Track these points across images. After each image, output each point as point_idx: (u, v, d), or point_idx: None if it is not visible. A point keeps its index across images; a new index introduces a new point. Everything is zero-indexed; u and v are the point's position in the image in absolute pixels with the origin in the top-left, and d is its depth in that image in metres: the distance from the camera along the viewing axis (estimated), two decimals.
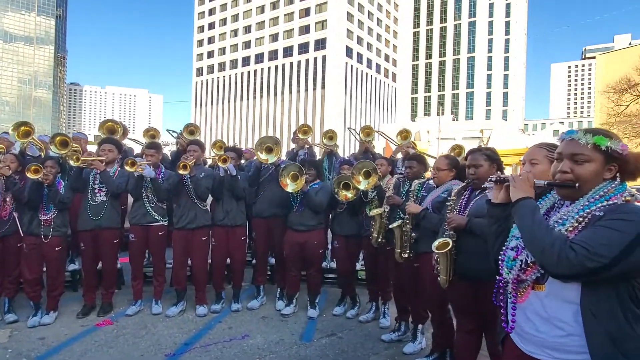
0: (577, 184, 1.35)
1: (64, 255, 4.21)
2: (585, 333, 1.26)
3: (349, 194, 4.08)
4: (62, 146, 4.14)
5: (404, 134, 5.27)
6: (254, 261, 4.99)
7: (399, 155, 5.25)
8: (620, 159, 1.34)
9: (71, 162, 4.08)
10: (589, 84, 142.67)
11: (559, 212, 1.42)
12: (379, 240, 3.73)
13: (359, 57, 70.57)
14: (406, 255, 3.28)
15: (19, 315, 3.97)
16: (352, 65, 68.60)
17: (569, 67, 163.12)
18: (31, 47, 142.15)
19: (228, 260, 4.61)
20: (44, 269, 4.03)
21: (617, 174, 1.37)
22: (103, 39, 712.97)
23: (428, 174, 3.74)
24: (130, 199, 4.50)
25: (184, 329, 3.89)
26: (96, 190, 4.15)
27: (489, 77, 78.74)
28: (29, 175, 3.68)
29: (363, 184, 3.92)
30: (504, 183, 1.53)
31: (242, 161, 5.47)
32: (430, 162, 4.05)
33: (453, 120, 55.31)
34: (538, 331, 1.38)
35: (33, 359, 3.25)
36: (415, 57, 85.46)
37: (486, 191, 1.73)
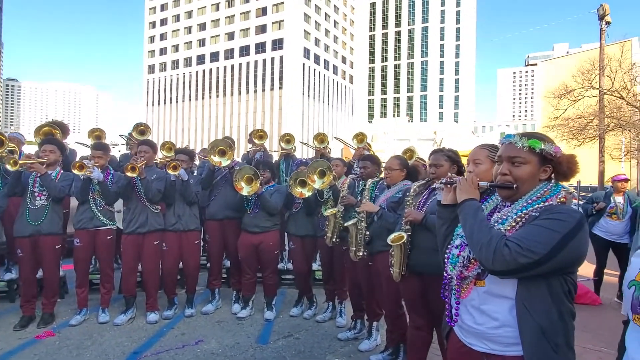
0: (515, 185, 1.44)
1: None
2: (519, 326, 1.34)
3: (305, 191, 4.09)
4: None
5: (360, 137, 5.36)
6: (208, 264, 4.88)
7: None
8: (554, 161, 1.44)
9: (8, 167, 3.79)
10: (532, 88, 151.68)
11: (500, 212, 1.51)
12: (334, 240, 3.77)
13: (317, 59, 70.82)
14: (361, 254, 3.33)
15: None
16: (309, 67, 68.73)
17: (514, 72, 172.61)
18: None
19: (181, 264, 4.48)
20: None
21: (552, 175, 1.47)
22: (46, 32, 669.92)
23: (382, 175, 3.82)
24: (73, 202, 4.25)
25: (133, 337, 3.73)
26: (36, 194, 3.88)
27: (442, 80, 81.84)
28: None
29: (318, 183, 3.95)
30: (453, 185, 1.61)
31: (196, 162, 5.34)
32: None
33: (408, 122, 56.92)
34: (476, 323, 1.45)
35: None
36: (372, 60, 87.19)
37: (436, 191, 1.80)
